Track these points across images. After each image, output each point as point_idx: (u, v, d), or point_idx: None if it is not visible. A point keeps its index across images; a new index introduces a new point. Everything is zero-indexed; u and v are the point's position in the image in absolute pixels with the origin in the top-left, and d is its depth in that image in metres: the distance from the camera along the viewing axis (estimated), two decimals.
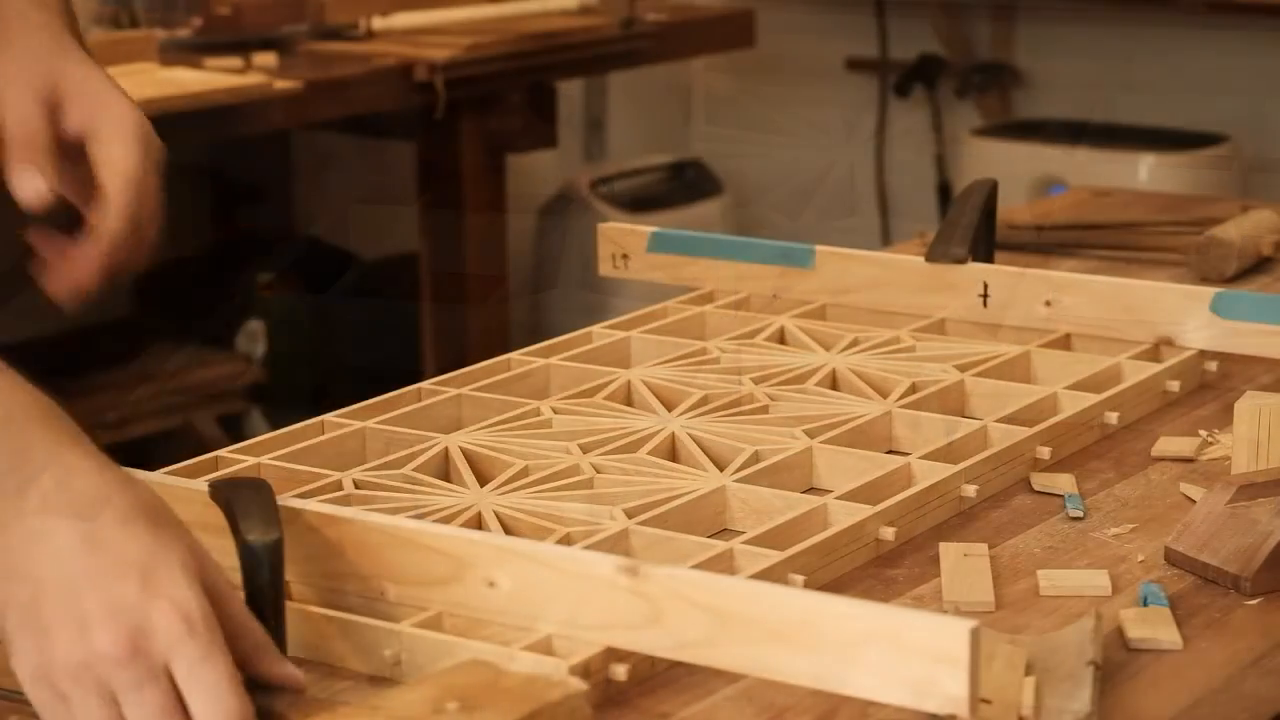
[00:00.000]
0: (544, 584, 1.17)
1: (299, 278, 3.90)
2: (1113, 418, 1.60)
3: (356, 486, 1.43)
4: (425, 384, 1.64)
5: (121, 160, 1.26)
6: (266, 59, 3.29)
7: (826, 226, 4.55)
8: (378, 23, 3.55)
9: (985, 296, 1.79)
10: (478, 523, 1.36)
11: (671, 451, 1.52)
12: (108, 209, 1.26)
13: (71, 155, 1.28)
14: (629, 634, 1.14)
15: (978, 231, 1.83)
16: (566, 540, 1.33)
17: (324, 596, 1.24)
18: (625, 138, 4.73)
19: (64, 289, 1.27)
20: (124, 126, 1.27)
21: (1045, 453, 1.52)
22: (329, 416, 1.55)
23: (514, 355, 1.72)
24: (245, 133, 3.25)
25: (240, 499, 1.17)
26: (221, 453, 1.47)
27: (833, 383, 1.67)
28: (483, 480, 1.45)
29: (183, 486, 1.29)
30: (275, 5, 3.49)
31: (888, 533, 1.37)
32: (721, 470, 1.45)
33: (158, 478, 1.33)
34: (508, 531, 1.35)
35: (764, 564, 1.27)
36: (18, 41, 1.31)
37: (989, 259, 1.86)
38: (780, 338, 1.79)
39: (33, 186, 1.25)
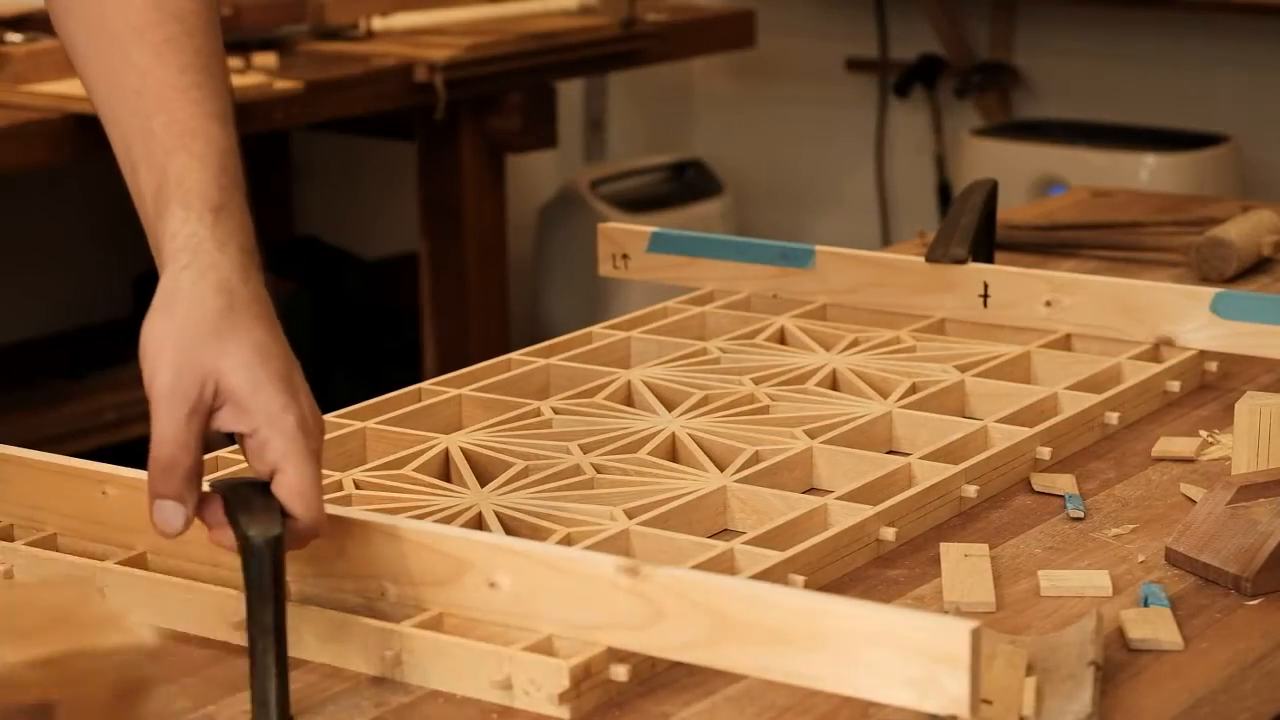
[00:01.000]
0: (545, 584, 1.17)
1: (299, 278, 3.90)
2: (1113, 418, 1.60)
3: (357, 486, 1.43)
4: (425, 384, 1.64)
5: (299, 483, 1.17)
6: (266, 59, 3.29)
7: (826, 226, 4.55)
8: (378, 23, 3.55)
9: (985, 296, 1.79)
10: (478, 523, 1.36)
11: (672, 452, 1.52)
12: (296, 533, 1.18)
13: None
14: (630, 634, 1.14)
15: (978, 231, 1.83)
16: (567, 540, 1.33)
17: (325, 596, 1.24)
18: (625, 138, 4.73)
19: None
20: (292, 439, 1.17)
21: (1045, 453, 1.52)
22: (329, 416, 1.55)
23: (514, 355, 1.72)
24: (245, 133, 3.24)
25: (240, 496, 1.17)
26: (221, 452, 1.47)
27: (833, 383, 1.67)
28: (483, 480, 1.45)
29: None
30: (275, 5, 3.49)
31: (888, 533, 1.37)
32: (722, 470, 1.45)
33: None
34: (508, 531, 1.35)
35: (764, 564, 1.27)
36: (183, 310, 1.18)
37: (989, 259, 1.86)
38: (780, 338, 1.79)
39: (168, 524, 1.16)
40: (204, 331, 1.18)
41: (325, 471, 1.44)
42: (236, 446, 1.48)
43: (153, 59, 1.26)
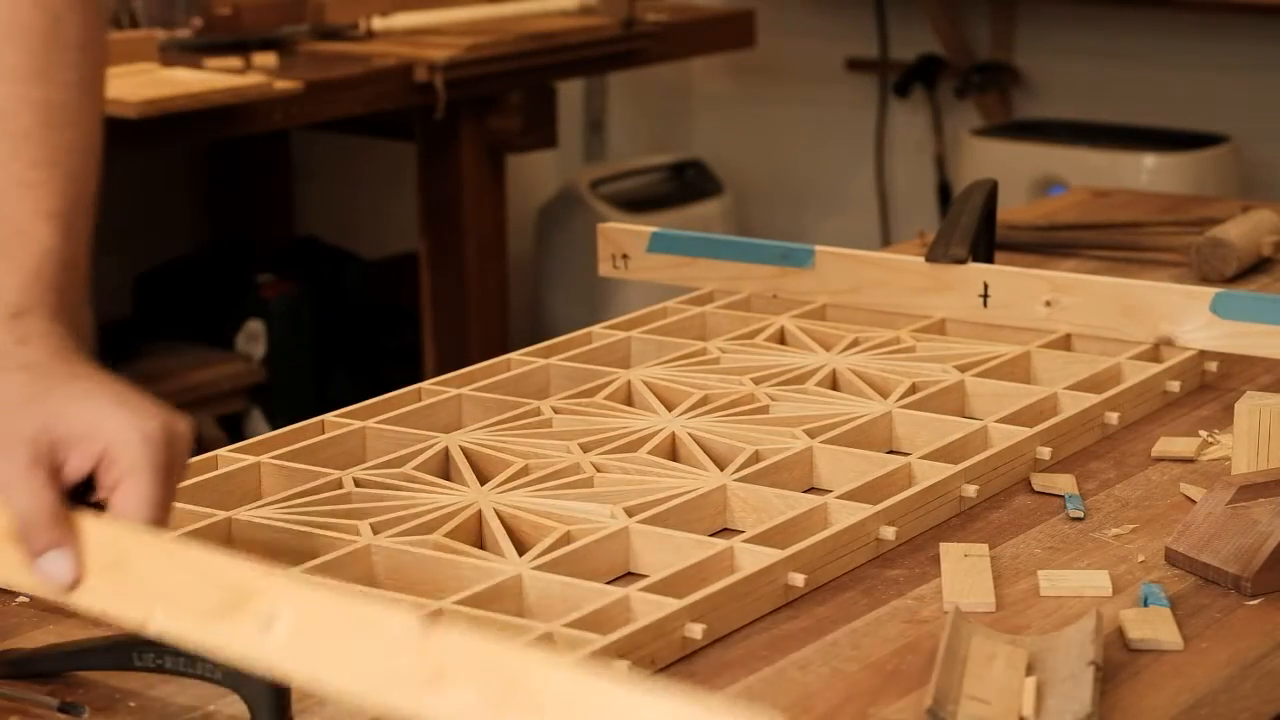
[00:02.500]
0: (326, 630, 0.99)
1: (299, 278, 3.90)
2: (1113, 418, 1.60)
3: (357, 484, 1.43)
4: (425, 384, 1.64)
5: (139, 503, 1.12)
6: (266, 59, 3.29)
7: (826, 226, 4.55)
8: (378, 23, 3.55)
9: (985, 296, 1.79)
10: (478, 520, 1.36)
11: (672, 451, 1.52)
12: None
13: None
14: (408, 694, 0.95)
15: (978, 231, 1.83)
16: (567, 538, 1.33)
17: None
18: (625, 138, 4.73)
19: None
20: (135, 455, 1.12)
21: (1045, 453, 1.52)
22: (329, 416, 1.55)
23: (514, 355, 1.72)
24: (245, 133, 3.25)
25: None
26: (221, 452, 1.47)
27: (833, 383, 1.67)
28: (483, 479, 1.45)
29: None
30: (275, 5, 3.50)
31: (888, 532, 1.37)
32: (722, 470, 1.45)
33: None
34: (509, 529, 1.35)
35: (764, 562, 1.27)
36: None
37: (989, 259, 1.86)
38: (780, 338, 1.79)
39: (57, 575, 1.10)
40: (14, 406, 1.13)
41: (325, 470, 1.44)
42: (237, 446, 1.49)
43: (6, 153, 1.23)
